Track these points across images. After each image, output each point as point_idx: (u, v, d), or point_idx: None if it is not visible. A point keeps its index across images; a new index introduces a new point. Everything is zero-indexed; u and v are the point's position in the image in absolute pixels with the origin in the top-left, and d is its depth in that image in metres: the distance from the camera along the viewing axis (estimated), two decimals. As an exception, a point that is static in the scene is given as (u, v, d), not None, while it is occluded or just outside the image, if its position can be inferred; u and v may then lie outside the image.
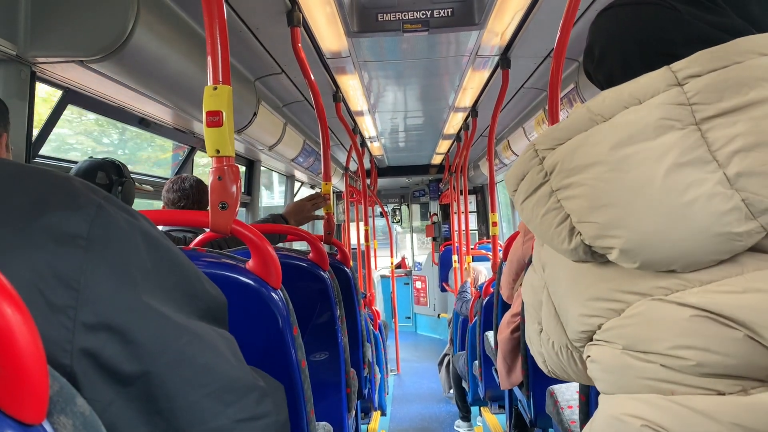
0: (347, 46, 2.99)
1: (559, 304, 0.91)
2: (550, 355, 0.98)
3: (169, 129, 3.18)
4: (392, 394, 6.41)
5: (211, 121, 1.16)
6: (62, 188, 0.58)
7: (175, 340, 0.60)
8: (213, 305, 0.69)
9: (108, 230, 0.58)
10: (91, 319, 0.53)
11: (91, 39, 1.88)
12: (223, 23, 1.22)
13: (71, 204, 0.57)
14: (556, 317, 0.92)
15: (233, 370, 0.65)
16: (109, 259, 0.56)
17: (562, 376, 1.01)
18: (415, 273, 10.23)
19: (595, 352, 0.84)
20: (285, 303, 1.18)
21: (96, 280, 0.55)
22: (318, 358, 2.01)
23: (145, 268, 0.60)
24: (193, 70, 2.37)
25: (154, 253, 0.62)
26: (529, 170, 0.88)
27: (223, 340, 0.67)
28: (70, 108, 2.42)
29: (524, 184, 0.88)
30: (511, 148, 5.38)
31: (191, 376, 0.61)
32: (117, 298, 0.56)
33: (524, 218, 0.90)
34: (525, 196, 0.88)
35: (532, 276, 1.01)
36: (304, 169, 5.32)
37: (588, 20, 2.68)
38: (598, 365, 0.84)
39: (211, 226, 1.17)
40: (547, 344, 0.97)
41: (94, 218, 0.57)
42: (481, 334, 3.43)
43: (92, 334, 0.53)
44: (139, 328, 0.57)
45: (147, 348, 0.57)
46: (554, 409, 1.91)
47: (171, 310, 0.61)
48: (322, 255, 1.88)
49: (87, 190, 0.60)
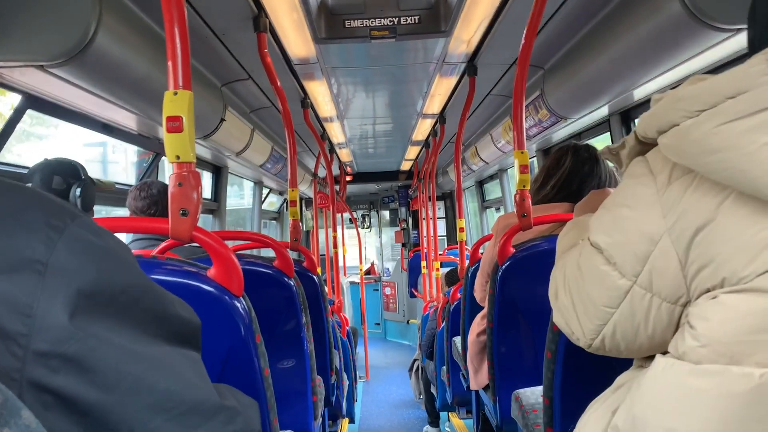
0: (315, 52, 2.99)
1: (696, 248, 0.79)
2: (635, 317, 0.87)
3: (134, 135, 3.14)
4: (361, 401, 6.38)
5: (172, 127, 1.14)
6: (24, 206, 0.55)
7: (135, 368, 0.58)
8: (184, 328, 0.67)
9: (72, 255, 0.55)
10: (44, 347, 0.51)
11: (51, 43, 1.83)
12: (184, 27, 1.21)
13: (31, 225, 0.54)
14: (677, 265, 0.82)
15: (198, 393, 0.64)
16: (68, 286, 0.54)
17: (623, 346, 0.91)
18: (384, 279, 10.23)
19: (731, 299, 0.76)
20: (247, 311, 1.17)
21: (51, 307, 0.52)
22: (284, 366, 2.00)
23: (110, 294, 0.58)
24: (157, 74, 2.33)
25: (122, 277, 0.60)
26: (751, 88, 0.72)
27: (189, 362, 0.65)
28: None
29: (735, 103, 0.73)
30: (478, 154, 5.43)
31: (152, 402, 0.59)
32: (73, 326, 0.53)
33: (712, 144, 0.74)
34: (730, 118, 0.72)
35: (631, 225, 0.87)
36: (272, 175, 5.29)
37: (551, 29, 2.72)
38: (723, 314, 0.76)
39: (171, 233, 1.15)
40: (641, 301, 0.86)
41: (57, 242, 0.55)
42: (448, 339, 3.44)
43: (45, 364, 0.52)
44: (95, 357, 0.55)
45: (103, 377, 0.55)
46: (519, 413, 1.92)
47: (134, 336, 0.59)
48: (287, 262, 1.87)
49: (52, 208, 0.57)
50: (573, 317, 0.98)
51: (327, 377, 2.59)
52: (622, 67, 2.47)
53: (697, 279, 0.81)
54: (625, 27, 2.27)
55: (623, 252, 0.88)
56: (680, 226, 0.81)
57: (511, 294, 2.04)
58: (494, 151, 4.92)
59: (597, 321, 0.92)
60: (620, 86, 2.65)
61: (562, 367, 1.49)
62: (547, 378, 1.52)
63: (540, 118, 3.51)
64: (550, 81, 3.23)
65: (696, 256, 0.80)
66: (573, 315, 0.98)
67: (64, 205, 0.59)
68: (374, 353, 8.47)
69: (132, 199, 2.40)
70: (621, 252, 0.88)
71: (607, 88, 2.74)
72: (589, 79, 2.79)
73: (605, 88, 2.75)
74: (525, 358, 2.12)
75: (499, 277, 2.02)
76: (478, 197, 7.47)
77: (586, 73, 2.77)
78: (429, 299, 5.91)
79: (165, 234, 1.18)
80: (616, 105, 3.06)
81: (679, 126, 0.78)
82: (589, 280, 0.93)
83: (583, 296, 0.95)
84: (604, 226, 0.92)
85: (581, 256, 0.97)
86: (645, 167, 0.88)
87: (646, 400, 0.82)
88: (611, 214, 0.92)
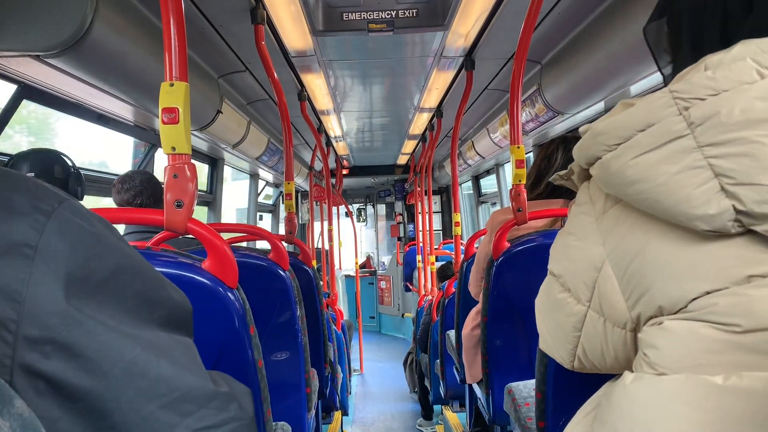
0: (312, 44, 2.98)
1: (632, 277, 0.81)
2: (596, 339, 0.90)
3: (130, 126, 3.13)
4: (355, 394, 6.40)
5: (168, 118, 1.14)
6: (10, 191, 0.55)
7: (127, 353, 0.58)
8: (176, 313, 0.67)
9: (60, 238, 0.55)
10: (35, 333, 0.51)
11: (47, 33, 1.83)
12: (181, 18, 1.20)
13: (20, 208, 0.54)
14: (618, 293, 0.83)
15: (191, 379, 0.64)
16: (58, 270, 0.54)
17: (596, 365, 0.94)
18: (379, 273, 10.24)
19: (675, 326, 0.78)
20: (242, 303, 1.18)
21: (42, 292, 0.52)
22: (278, 358, 2.00)
23: (100, 278, 0.58)
24: (154, 65, 2.33)
25: (112, 261, 0.60)
26: (659, 121, 0.76)
27: (182, 348, 0.65)
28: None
29: (644, 136, 0.76)
30: (475, 148, 5.43)
31: (144, 388, 0.59)
32: (64, 311, 0.53)
33: (629, 177, 0.78)
34: (642, 151, 0.76)
35: (577, 254, 0.90)
36: (268, 168, 5.29)
37: (549, 24, 2.72)
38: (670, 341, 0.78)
39: (166, 224, 1.15)
40: (596, 325, 0.88)
41: (45, 225, 0.54)
42: (443, 333, 3.46)
43: (36, 349, 0.52)
44: (87, 342, 0.55)
45: (96, 362, 0.55)
46: (512, 406, 1.93)
47: (125, 320, 0.59)
48: (281, 254, 1.87)
49: (41, 192, 0.57)
50: (551, 342, 1.00)
51: (321, 370, 2.60)
52: (619, 62, 2.47)
53: (638, 306, 0.82)
54: (623, 23, 2.27)
55: (574, 279, 0.90)
56: (617, 253, 0.83)
57: (505, 288, 2.05)
58: (490, 146, 4.93)
59: (568, 345, 0.95)
60: (617, 82, 2.65)
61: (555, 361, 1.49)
62: (539, 372, 1.53)
63: (537, 113, 3.52)
64: (547, 76, 3.23)
65: (634, 284, 0.81)
66: (550, 340, 1.00)
67: (50, 188, 0.59)
68: (369, 346, 8.49)
69: (116, 193, 2.35)
70: (572, 279, 0.91)
71: (603, 84, 2.74)
72: (586, 75, 2.79)
73: (602, 84, 2.75)
74: (518, 352, 2.13)
75: (494, 271, 2.02)
76: (474, 192, 7.47)
77: (583, 68, 2.77)
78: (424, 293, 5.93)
79: (160, 225, 1.18)
80: (613, 101, 3.06)
81: (601, 159, 0.82)
82: (553, 308, 0.96)
83: (553, 322, 0.98)
84: (556, 254, 0.96)
85: (546, 284, 1.00)
86: (587, 195, 0.90)
87: (616, 413, 0.83)
88: (561, 242, 0.95)
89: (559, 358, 0.99)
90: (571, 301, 0.91)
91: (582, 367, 0.97)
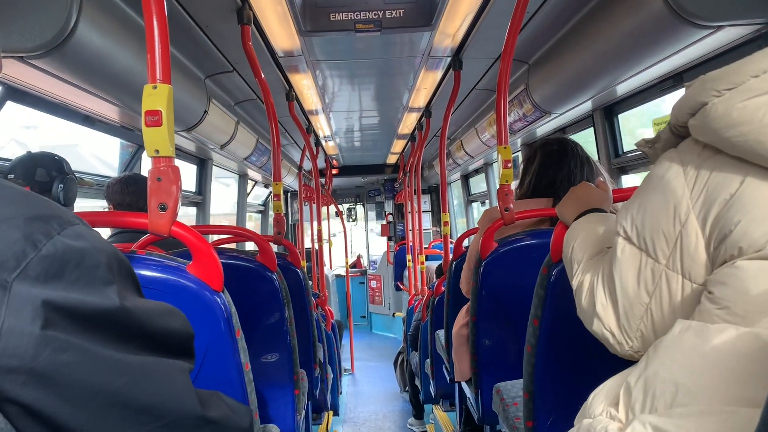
0: (300, 45, 2.97)
1: (717, 222, 0.85)
2: (667, 302, 0.92)
3: (116, 127, 3.11)
4: (346, 394, 6.40)
5: (150, 121, 1.13)
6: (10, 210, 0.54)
7: (111, 383, 0.57)
8: (170, 341, 0.66)
9: (50, 268, 0.54)
10: (13, 363, 0.51)
11: (31, 33, 1.80)
12: (163, 20, 1.20)
13: (9, 237, 0.53)
14: (701, 242, 0.87)
15: (177, 408, 0.63)
16: (37, 301, 0.53)
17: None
18: (370, 272, 10.23)
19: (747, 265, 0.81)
20: (227, 306, 1.17)
21: (18, 322, 0.51)
22: (267, 360, 2.00)
23: (89, 310, 0.56)
24: (139, 66, 2.31)
25: (104, 295, 0.58)
26: None
27: (173, 376, 0.64)
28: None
29: (757, 81, 0.80)
30: (464, 148, 5.44)
31: (130, 417, 0.58)
32: (43, 342, 0.52)
33: (734, 119, 0.81)
34: (752, 95, 0.80)
35: (661, 209, 0.92)
36: (257, 168, 5.27)
37: (536, 24, 2.73)
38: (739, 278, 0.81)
39: (150, 228, 1.15)
40: (672, 285, 0.91)
41: (37, 254, 0.53)
42: (432, 332, 3.46)
43: (13, 379, 0.51)
44: (67, 372, 0.54)
45: (76, 392, 0.54)
46: (500, 406, 1.94)
47: (115, 347, 0.58)
48: (269, 256, 1.87)
49: (46, 217, 0.56)
50: (613, 322, 1.00)
51: (311, 371, 2.59)
52: (606, 62, 2.48)
53: (718, 252, 0.85)
54: (609, 23, 2.28)
55: (654, 234, 0.93)
56: (706, 204, 0.86)
57: (493, 288, 2.05)
58: (479, 145, 4.94)
59: (635, 318, 0.96)
60: (604, 81, 2.66)
61: (542, 362, 1.50)
62: (527, 372, 1.53)
63: (524, 112, 3.52)
64: (535, 76, 3.24)
65: (719, 229, 0.85)
66: (613, 319, 1.00)
67: (56, 212, 0.57)
68: (360, 346, 8.48)
69: (114, 193, 2.36)
70: (651, 235, 0.93)
71: (590, 83, 2.75)
72: (573, 74, 2.80)
73: (589, 83, 2.76)
74: (507, 351, 2.13)
75: (482, 270, 2.03)
76: (463, 191, 7.48)
77: (570, 68, 2.78)
78: (414, 292, 5.93)
79: (144, 229, 1.17)
80: (600, 100, 3.08)
81: (707, 105, 0.84)
82: (624, 273, 0.98)
83: (618, 293, 0.99)
84: (633, 213, 0.97)
85: (614, 253, 1.00)
86: (675, 155, 0.93)
87: (660, 358, 0.86)
88: (639, 200, 0.97)
89: (619, 338, 1.00)
90: (645, 261, 0.94)
91: (638, 350, 0.98)
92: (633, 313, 0.96)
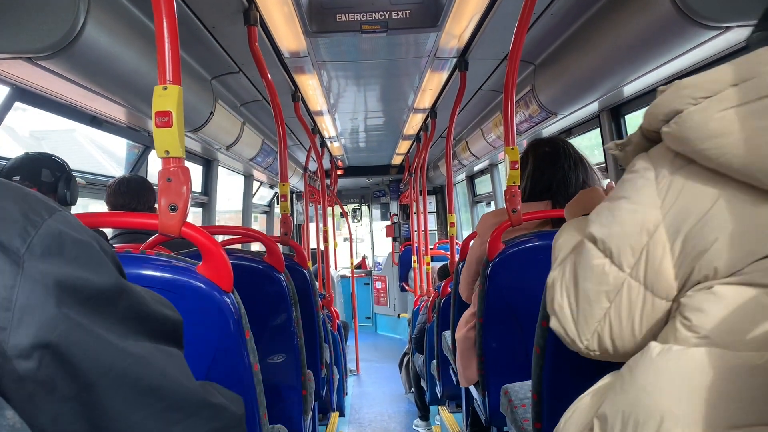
0: (306, 45, 2.98)
1: (689, 239, 0.81)
2: (626, 312, 0.89)
3: (123, 127, 3.12)
4: (351, 395, 6.40)
5: (161, 122, 1.14)
6: (1, 199, 0.55)
7: (118, 364, 0.58)
8: (165, 326, 0.68)
9: (50, 248, 0.55)
10: (25, 341, 0.51)
11: (39, 34, 1.81)
12: (173, 21, 1.20)
13: (10, 217, 0.54)
14: (668, 258, 0.83)
15: (180, 389, 0.65)
16: (47, 279, 0.54)
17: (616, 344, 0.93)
18: (375, 273, 10.23)
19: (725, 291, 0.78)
20: (237, 306, 1.17)
21: (31, 300, 0.52)
22: (274, 361, 2.00)
23: (92, 289, 0.58)
24: (147, 67, 2.32)
25: (100, 274, 0.59)
26: (758, 75, 0.76)
27: (173, 359, 0.66)
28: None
29: (736, 91, 0.76)
30: (469, 149, 5.43)
31: (134, 397, 0.59)
32: (56, 317, 0.53)
33: (711, 130, 0.77)
34: (730, 105, 0.76)
35: (629, 217, 0.89)
36: (262, 169, 5.28)
37: (542, 25, 2.73)
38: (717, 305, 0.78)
39: (160, 228, 1.15)
40: (632, 295, 0.88)
41: (34, 235, 0.54)
42: (438, 334, 3.45)
43: (26, 356, 0.51)
44: (77, 351, 0.54)
45: (85, 370, 0.55)
46: (508, 407, 1.93)
47: (117, 332, 0.59)
48: (277, 256, 1.87)
49: (32, 202, 0.57)
50: (569, 317, 0.99)
51: (317, 371, 2.59)
52: (613, 63, 2.47)
53: (688, 270, 0.82)
54: (616, 24, 2.27)
55: (620, 243, 0.89)
56: (677, 215, 0.82)
57: (501, 289, 2.05)
58: (485, 146, 4.93)
59: (592, 320, 0.94)
60: (610, 82, 2.65)
61: (551, 363, 1.50)
62: (535, 373, 1.53)
63: (530, 113, 3.52)
64: (541, 77, 3.23)
65: (691, 246, 0.81)
66: (569, 315, 0.99)
67: (41, 198, 0.59)
68: (365, 347, 8.49)
69: (109, 195, 2.40)
70: (618, 243, 0.90)
71: (597, 84, 2.75)
72: (579, 75, 2.79)
73: (595, 84, 2.76)
74: (514, 353, 2.13)
75: (489, 272, 2.02)
76: (468, 192, 7.47)
77: (577, 69, 2.77)
78: (420, 293, 5.92)
79: (155, 229, 1.18)
80: (607, 101, 3.07)
81: (682, 113, 0.81)
82: (585, 276, 0.95)
83: (579, 294, 0.96)
84: (603, 218, 0.94)
85: (579, 254, 0.98)
86: (647, 161, 0.90)
87: (639, 384, 0.82)
88: (610, 206, 0.94)
89: (573, 336, 0.98)
90: (609, 268, 0.91)
91: (594, 349, 0.96)
92: (592, 314, 0.94)
